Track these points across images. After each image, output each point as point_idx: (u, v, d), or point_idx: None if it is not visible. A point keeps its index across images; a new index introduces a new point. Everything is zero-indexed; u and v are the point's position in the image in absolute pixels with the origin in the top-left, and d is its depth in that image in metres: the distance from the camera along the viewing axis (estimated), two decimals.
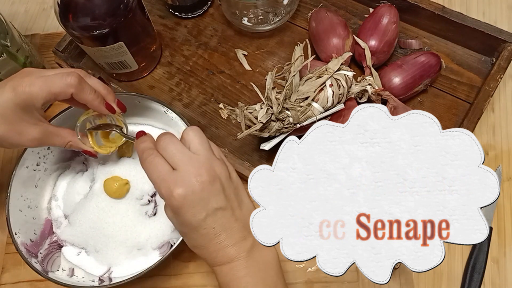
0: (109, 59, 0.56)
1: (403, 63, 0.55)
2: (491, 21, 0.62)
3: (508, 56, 0.54)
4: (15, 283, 0.54)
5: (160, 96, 0.61)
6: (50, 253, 0.50)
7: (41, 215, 0.53)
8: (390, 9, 0.56)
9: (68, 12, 0.50)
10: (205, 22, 0.65)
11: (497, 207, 0.52)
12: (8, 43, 0.51)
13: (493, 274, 0.50)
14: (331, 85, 0.49)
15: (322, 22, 0.57)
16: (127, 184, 0.51)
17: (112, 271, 0.50)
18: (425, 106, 0.57)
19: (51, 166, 0.54)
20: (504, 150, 0.56)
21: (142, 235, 0.51)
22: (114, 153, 0.55)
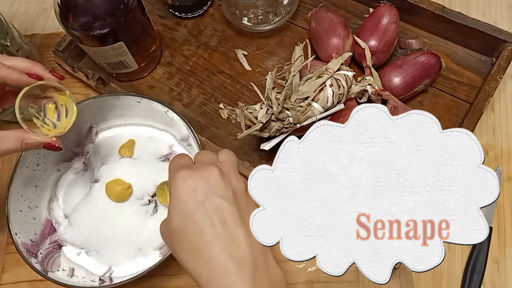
0: (109, 59, 0.56)
1: (403, 63, 0.55)
2: (491, 21, 0.62)
3: (508, 56, 0.54)
4: (15, 283, 0.54)
5: (160, 96, 0.61)
6: (50, 253, 0.51)
7: (41, 215, 0.53)
8: (390, 9, 0.56)
9: (68, 12, 0.50)
10: (205, 22, 0.65)
11: (497, 207, 0.52)
12: (8, 43, 0.51)
13: (493, 274, 0.50)
14: (331, 85, 0.49)
15: (322, 22, 0.57)
16: (130, 188, 0.51)
17: (112, 271, 0.50)
18: (425, 106, 0.57)
19: (51, 166, 0.54)
20: (504, 150, 0.56)
21: (142, 235, 0.51)
22: (114, 154, 0.55)
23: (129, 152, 0.55)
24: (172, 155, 0.55)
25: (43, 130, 0.42)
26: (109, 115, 0.56)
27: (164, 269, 0.52)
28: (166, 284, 0.52)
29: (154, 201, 0.52)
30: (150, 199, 0.52)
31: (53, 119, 0.43)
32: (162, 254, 0.50)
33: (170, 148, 0.55)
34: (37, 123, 0.42)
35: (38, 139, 0.41)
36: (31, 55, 0.56)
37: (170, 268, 0.53)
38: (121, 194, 0.51)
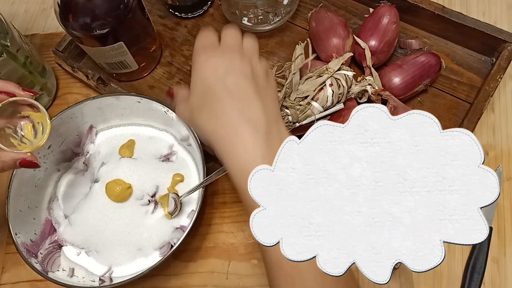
0: (109, 59, 0.56)
1: (403, 63, 0.55)
2: (491, 21, 0.62)
3: (508, 56, 0.54)
4: (15, 283, 0.54)
5: (160, 96, 0.61)
6: (50, 253, 0.50)
7: (41, 215, 0.53)
8: (390, 9, 0.56)
9: (68, 12, 0.50)
10: (205, 22, 0.65)
11: (497, 207, 0.52)
12: (8, 43, 0.51)
13: (493, 274, 0.50)
14: (331, 85, 0.49)
15: (322, 22, 0.57)
16: (130, 188, 0.51)
17: (112, 271, 0.50)
18: (425, 106, 0.57)
19: (51, 166, 0.54)
20: (504, 150, 0.56)
21: (142, 235, 0.51)
22: (114, 154, 0.55)
23: (129, 152, 0.55)
24: (172, 155, 0.55)
25: (19, 148, 0.42)
26: (109, 115, 0.55)
27: (164, 269, 0.52)
28: (166, 284, 0.52)
29: (154, 201, 0.52)
30: (150, 199, 0.52)
31: (31, 137, 0.43)
32: (162, 254, 0.50)
33: (170, 148, 0.55)
34: (14, 143, 0.42)
35: (12, 155, 0.40)
36: (31, 55, 0.56)
37: (170, 268, 0.52)
38: (121, 194, 0.51)
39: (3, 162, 0.40)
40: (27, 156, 0.41)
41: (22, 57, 0.54)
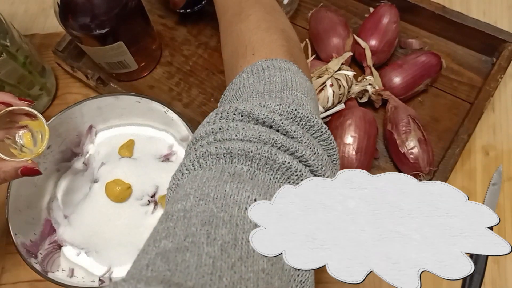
0: (108, 59, 0.56)
1: (403, 63, 0.54)
2: (492, 21, 0.62)
3: (508, 56, 0.54)
4: (15, 283, 0.54)
5: (160, 96, 0.61)
6: (50, 253, 0.50)
7: (41, 215, 0.53)
8: (391, 8, 0.56)
9: (68, 12, 0.50)
10: (205, 22, 0.65)
11: (497, 207, 0.52)
12: (8, 43, 0.51)
13: (493, 274, 0.50)
14: (332, 85, 0.49)
15: (322, 22, 0.57)
16: (129, 189, 0.51)
17: (112, 271, 0.50)
18: (426, 106, 0.57)
19: (51, 166, 0.54)
20: (504, 150, 0.56)
21: (142, 235, 0.50)
22: (114, 154, 0.55)
23: (128, 152, 0.55)
24: (171, 155, 0.55)
25: (20, 157, 0.41)
26: (108, 115, 0.55)
27: None
28: None
29: (154, 201, 0.52)
30: (150, 200, 0.52)
31: (31, 146, 0.43)
32: None
33: (170, 148, 0.55)
34: (14, 153, 0.42)
35: (13, 164, 0.40)
36: (31, 55, 0.56)
37: None
38: (120, 195, 0.51)
39: (4, 172, 0.40)
40: (28, 164, 0.41)
41: (21, 57, 0.54)
